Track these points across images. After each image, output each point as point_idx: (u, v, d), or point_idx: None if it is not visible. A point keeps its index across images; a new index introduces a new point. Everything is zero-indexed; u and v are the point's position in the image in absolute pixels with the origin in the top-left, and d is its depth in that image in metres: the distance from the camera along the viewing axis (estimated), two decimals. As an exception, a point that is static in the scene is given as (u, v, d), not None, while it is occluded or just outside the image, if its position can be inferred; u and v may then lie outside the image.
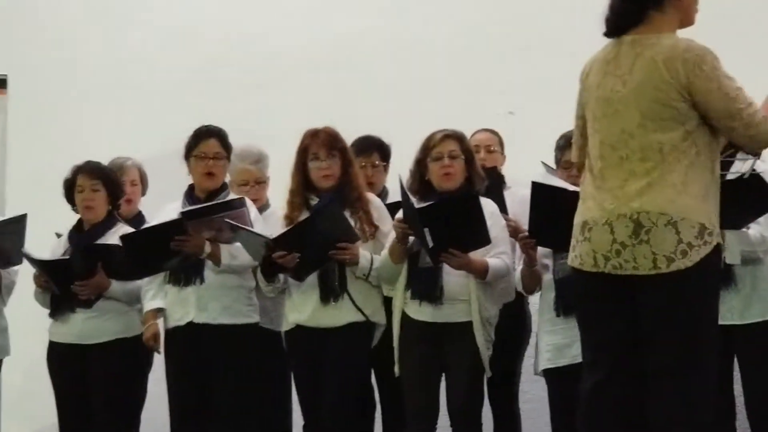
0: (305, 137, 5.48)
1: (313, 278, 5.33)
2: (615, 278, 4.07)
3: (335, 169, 5.43)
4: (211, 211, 5.41)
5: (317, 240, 5.21)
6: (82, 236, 5.74)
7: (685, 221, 3.99)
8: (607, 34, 4.22)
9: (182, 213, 5.41)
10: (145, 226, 5.62)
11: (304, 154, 5.46)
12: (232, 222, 5.29)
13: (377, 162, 5.96)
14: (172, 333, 5.54)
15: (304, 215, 5.39)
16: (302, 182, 5.47)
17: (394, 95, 7.28)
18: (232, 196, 5.65)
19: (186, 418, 5.50)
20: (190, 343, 5.48)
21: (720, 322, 4.42)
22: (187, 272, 5.51)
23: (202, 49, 7.43)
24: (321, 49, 7.42)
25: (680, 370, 3.99)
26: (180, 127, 5.76)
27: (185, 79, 7.34)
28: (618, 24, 4.19)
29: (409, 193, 5.12)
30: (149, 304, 5.57)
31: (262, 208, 5.92)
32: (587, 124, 4.24)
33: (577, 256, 4.18)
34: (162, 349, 5.61)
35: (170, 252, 5.39)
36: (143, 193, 6.32)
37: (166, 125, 6.43)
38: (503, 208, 5.50)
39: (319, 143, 5.43)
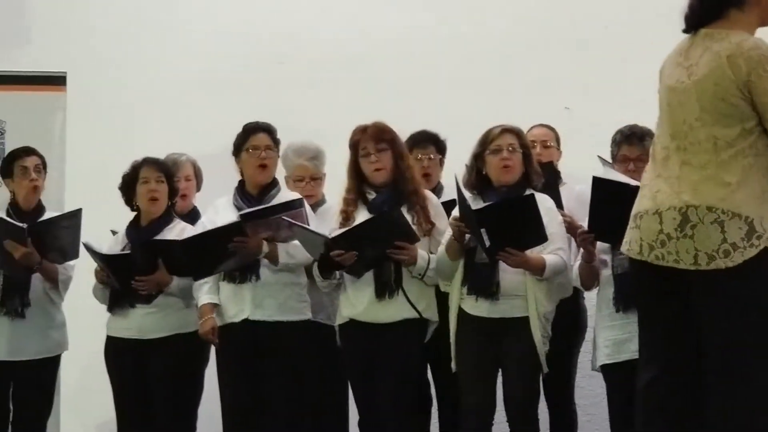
0: (354, 134, 5.50)
1: (368, 273, 5.33)
2: (663, 270, 4.04)
3: (386, 161, 5.43)
4: (269, 212, 5.44)
5: (376, 240, 5.22)
6: (140, 232, 5.78)
7: (734, 221, 3.94)
8: (686, 30, 4.18)
9: (241, 215, 5.43)
10: (205, 230, 5.58)
11: (355, 151, 5.48)
12: (292, 221, 5.30)
13: (433, 155, 5.94)
14: (226, 330, 5.54)
15: (361, 210, 5.41)
16: (356, 179, 5.47)
17: (446, 91, 7.28)
18: (285, 192, 5.71)
19: (240, 414, 5.51)
20: (244, 340, 5.49)
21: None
22: (243, 269, 5.52)
23: (254, 47, 7.44)
24: (375, 44, 7.42)
25: (727, 372, 3.95)
26: (234, 125, 5.80)
27: (239, 76, 7.36)
28: (696, 19, 4.14)
29: (465, 192, 5.12)
30: (205, 298, 5.58)
31: (318, 204, 5.94)
32: (659, 115, 4.23)
33: (627, 242, 4.18)
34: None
35: (228, 253, 5.42)
36: (198, 189, 6.34)
37: (220, 122, 6.44)
38: (559, 204, 5.48)
39: (367, 138, 5.43)
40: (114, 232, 5.99)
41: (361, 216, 5.38)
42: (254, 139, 5.67)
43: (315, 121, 6.82)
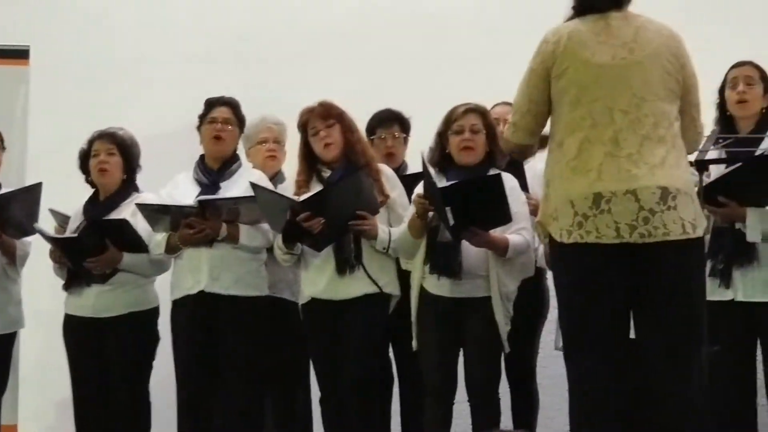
0: (302, 115, 5.49)
1: (328, 251, 5.31)
2: (623, 250, 4.10)
3: (335, 136, 5.41)
4: (229, 202, 5.44)
5: (341, 207, 5.20)
6: (96, 207, 5.76)
7: (693, 197, 4.16)
8: (582, 12, 4.34)
9: (199, 201, 5.42)
10: (164, 203, 5.56)
11: (304, 132, 5.48)
12: (257, 184, 5.27)
13: (397, 134, 5.93)
14: (182, 302, 5.54)
15: (316, 188, 5.36)
16: (308, 160, 5.46)
17: (418, 68, 7.27)
18: (247, 168, 5.73)
19: (195, 386, 5.51)
20: (200, 313, 5.48)
21: (742, 299, 4.80)
22: None
23: (225, 23, 7.43)
24: (345, 21, 7.41)
25: (689, 344, 4.11)
26: (200, 101, 5.80)
27: (207, 52, 7.33)
28: (595, 4, 4.32)
29: (431, 170, 5.09)
30: (160, 240, 5.55)
31: (278, 179, 5.92)
32: (561, 97, 4.29)
33: (591, 231, 4.15)
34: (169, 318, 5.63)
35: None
36: None
37: (186, 98, 6.39)
38: (523, 182, 5.45)
39: (315, 117, 5.43)
40: (53, 212, 5.97)
41: (317, 193, 5.38)
42: (214, 112, 5.70)
43: (283, 99, 6.77)
